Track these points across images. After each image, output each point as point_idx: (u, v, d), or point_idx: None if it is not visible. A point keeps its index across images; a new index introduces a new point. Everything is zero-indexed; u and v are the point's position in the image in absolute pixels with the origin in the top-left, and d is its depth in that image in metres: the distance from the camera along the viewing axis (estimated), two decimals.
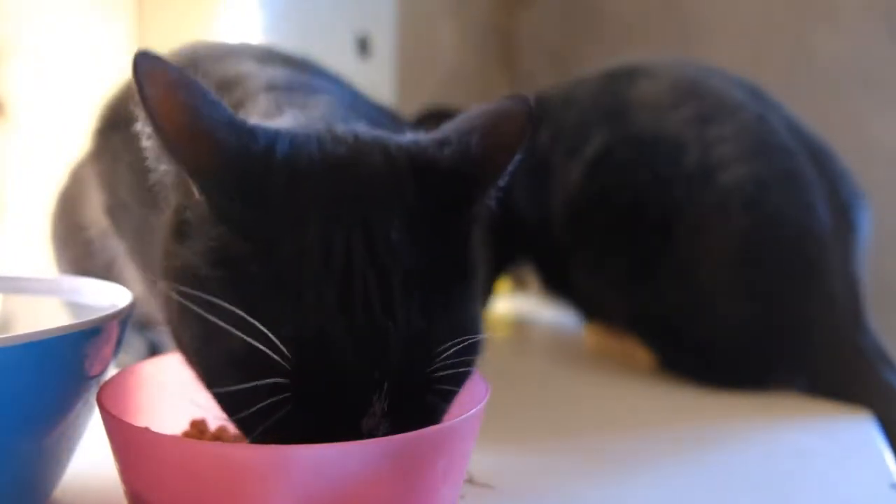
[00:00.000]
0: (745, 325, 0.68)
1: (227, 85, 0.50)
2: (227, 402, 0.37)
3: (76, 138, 0.67)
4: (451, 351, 0.36)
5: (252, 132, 0.38)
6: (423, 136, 0.41)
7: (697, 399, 0.66)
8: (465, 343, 0.37)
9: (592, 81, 0.82)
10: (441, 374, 0.36)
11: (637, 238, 0.72)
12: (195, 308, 0.35)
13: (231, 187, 0.36)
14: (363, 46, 1.15)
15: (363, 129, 0.42)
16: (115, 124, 0.55)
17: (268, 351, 0.34)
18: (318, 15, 1.10)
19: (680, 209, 0.69)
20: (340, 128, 0.41)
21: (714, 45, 1.37)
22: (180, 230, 0.39)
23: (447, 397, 0.38)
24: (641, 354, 0.74)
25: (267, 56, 0.57)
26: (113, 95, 0.59)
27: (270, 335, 0.34)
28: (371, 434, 0.35)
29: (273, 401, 0.34)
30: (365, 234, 0.36)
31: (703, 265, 0.69)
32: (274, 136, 0.38)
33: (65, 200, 0.69)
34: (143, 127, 0.36)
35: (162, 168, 0.38)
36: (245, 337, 0.34)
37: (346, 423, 0.35)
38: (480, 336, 0.39)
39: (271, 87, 0.50)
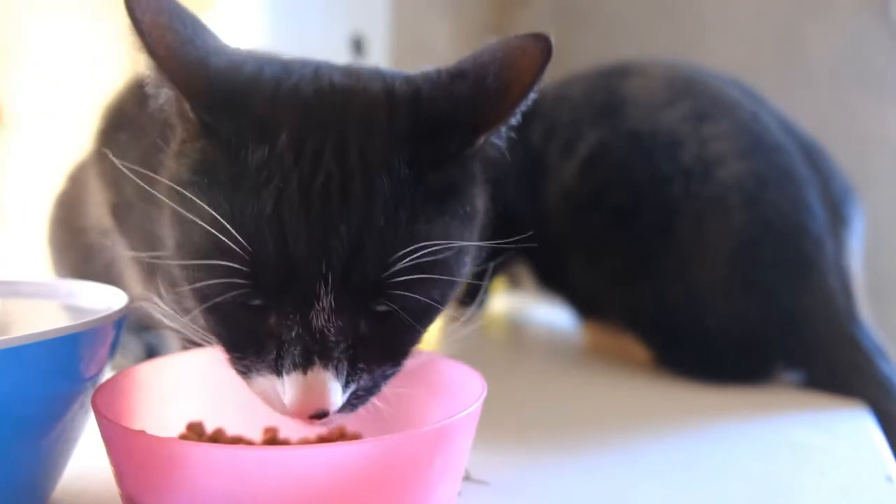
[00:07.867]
0: (743, 320, 0.68)
1: None
2: (189, 273, 0.38)
3: (75, 142, 0.67)
4: (411, 259, 0.36)
5: (243, 57, 0.40)
6: (437, 69, 0.42)
7: (694, 395, 0.66)
8: (430, 256, 0.37)
9: (584, 79, 0.82)
10: (397, 279, 0.36)
11: (634, 234, 0.72)
12: (176, 207, 0.38)
13: (219, 104, 0.38)
14: (358, 47, 1.15)
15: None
16: (119, 124, 0.55)
17: (227, 241, 0.35)
18: (313, 16, 1.10)
19: (678, 205, 0.69)
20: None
21: (710, 41, 1.37)
22: (180, 151, 0.40)
23: (405, 308, 0.38)
24: (638, 351, 0.75)
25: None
26: (116, 96, 0.59)
27: (228, 226, 0.35)
28: (322, 332, 0.36)
29: (229, 281, 0.36)
30: (339, 144, 0.38)
31: (701, 261, 0.69)
32: (266, 61, 0.41)
33: (63, 204, 0.68)
34: (140, 52, 0.38)
35: (163, 94, 0.40)
36: (210, 228, 0.36)
37: (296, 313, 0.36)
38: (447, 253, 0.38)
39: None
